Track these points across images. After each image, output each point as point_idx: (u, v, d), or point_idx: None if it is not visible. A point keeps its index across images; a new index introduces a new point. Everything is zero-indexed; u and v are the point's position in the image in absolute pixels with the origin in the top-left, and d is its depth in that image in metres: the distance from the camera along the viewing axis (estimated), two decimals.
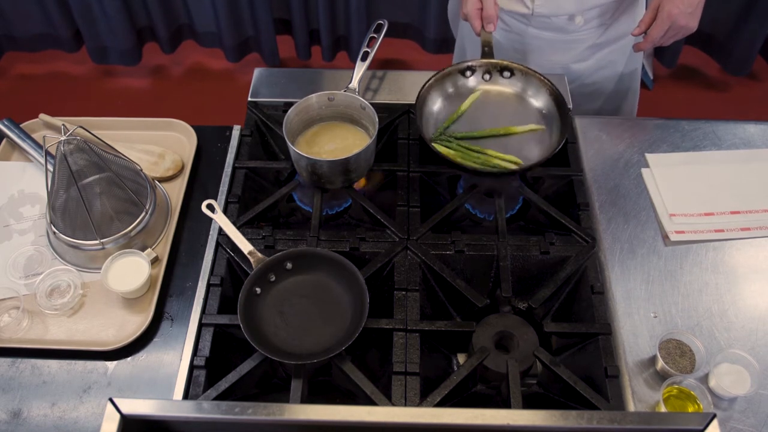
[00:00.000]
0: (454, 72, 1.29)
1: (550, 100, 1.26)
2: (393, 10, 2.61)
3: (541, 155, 1.20)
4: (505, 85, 1.31)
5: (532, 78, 1.27)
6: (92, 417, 0.98)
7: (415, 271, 1.09)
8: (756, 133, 1.34)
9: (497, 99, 1.30)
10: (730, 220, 1.19)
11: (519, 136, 1.23)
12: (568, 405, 0.99)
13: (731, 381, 0.97)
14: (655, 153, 1.29)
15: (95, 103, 2.73)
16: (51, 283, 1.10)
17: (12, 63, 2.85)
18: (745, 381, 0.97)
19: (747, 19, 2.47)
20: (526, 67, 1.28)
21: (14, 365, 1.03)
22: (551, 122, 1.24)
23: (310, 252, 1.07)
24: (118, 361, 1.03)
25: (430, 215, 1.16)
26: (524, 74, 1.28)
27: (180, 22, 2.69)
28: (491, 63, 1.30)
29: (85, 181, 1.09)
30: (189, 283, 1.12)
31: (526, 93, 1.29)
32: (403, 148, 1.27)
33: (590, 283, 1.08)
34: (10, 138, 1.29)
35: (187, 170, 1.26)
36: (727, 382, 0.97)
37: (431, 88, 1.27)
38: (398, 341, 1.01)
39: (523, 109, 1.28)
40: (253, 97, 1.37)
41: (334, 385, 1.07)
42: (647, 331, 1.05)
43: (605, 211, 1.21)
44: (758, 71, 2.78)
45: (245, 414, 0.75)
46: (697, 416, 0.76)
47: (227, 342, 1.06)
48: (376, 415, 0.76)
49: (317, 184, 1.18)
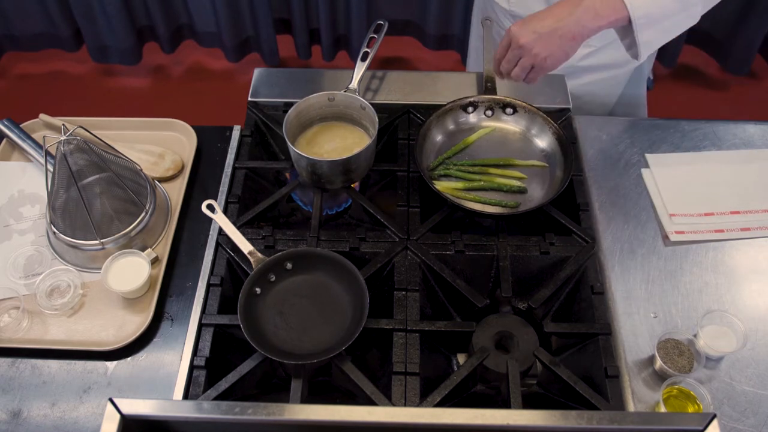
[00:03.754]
0: (455, 108, 1.28)
1: (553, 140, 1.23)
2: (393, 7, 2.60)
3: (543, 193, 1.18)
4: (508, 122, 1.29)
5: (536, 117, 1.25)
6: (92, 417, 0.98)
7: (415, 271, 1.09)
8: (756, 133, 1.34)
9: (499, 136, 1.28)
10: (730, 220, 1.19)
11: (520, 171, 1.22)
12: (568, 405, 0.99)
13: (719, 341, 1.01)
14: (655, 153, 1.29)
15: (95, 102, 2.73)
16: (51, 283, 1.10)
17: (12, 62, 2.85)
18: (732, 340, 1.02)
19: (747, 19, 2.47)
20: (529, 105, 1.26)
21: (14, 365, 1.03)
22: (554, 162, 1.22)
23: (310, 252, 1.07)
24: (118, 361, 1.03)
25: (430, 215, 1.16)
26: (527, 112, 1.26)
27: (180, 21, 2.69)
28: (494, 99, 1.28)
29: (85, 181, 1.09)
30: (189, 283, 1.12)
31: (530, 131, 1.27)
32: (403, 148, 1.27)
33: (590, 283, 1.08)
34: (10, 138, 1.29)
35: (187, 170, 1.26)
36: (715, 341, 1.01)
37: (432, 124, 1.25)
38: (398, 341, 1.01)
39: (526, 146, 1.25)
40: (253, 97, 1.36)
41: (334, 385, 1.07)
42: (647, 331, 1.05)
43: (605, 211, 1.21)
44: (758, 71, 2.78)
45: (245, 414, 0.75)
46: (697, 416, 0.76)
47: (227, 342, 1.06)
48: (376, 415, 0.76)
49: (317, 184, 1.18)
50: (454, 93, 1.31)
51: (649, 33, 1.02)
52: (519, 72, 1.02)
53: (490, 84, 1.30)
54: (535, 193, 1.19)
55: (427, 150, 1.25)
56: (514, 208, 1.15)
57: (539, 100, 1.30)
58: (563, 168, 1.19)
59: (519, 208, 1.15)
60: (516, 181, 1.20)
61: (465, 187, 1.19)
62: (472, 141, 1.26)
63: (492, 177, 1.20)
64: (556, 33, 0.98)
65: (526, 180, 1.21)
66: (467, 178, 1.20)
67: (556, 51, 0.99)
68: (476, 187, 1.19)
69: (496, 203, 1.16)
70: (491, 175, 1.21)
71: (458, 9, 2.53)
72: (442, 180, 1.21)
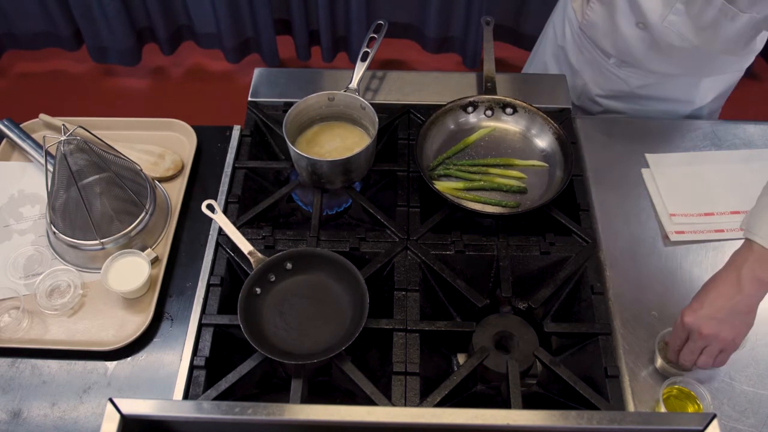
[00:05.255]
0: (455, 108, 1.28)
1: (553, 140, 1.23)
2: (393, 10, 2.60)
3: (543, 193, 1.18)
4: (508, 123, 1.29)
5: (536, 117, 1.25)
6: (92, 417, 0.98)
7: (415, 271, 1.09)
8: (756, 133, 1.34)
9: (499, 136, 1.28)
10: (730, 220, 1.19)
11: (520, 171, 1.22)
12: (568, 405, 0.99)
13: None
14: (655, 153, 1.29)
15: (95, 102, 2.74)
16: (51, 283, 1.10)
17: (12, 62, 2.85)
18: None
19: None
20: (529, 105, 1.26)
21: (14, 365, 1.03)
22: (554, 162, 1.22)
23: (310, 252, 1.07)
24: (118, 361, 1.03)
25: (430, 215, 1.16)
26: (527, 112, 1.26)
27: (179, 23, 2.69)
28: (494, 99, 1.28)
29: (85, 181, 1.09)
30: (189, 283, 1.12)
31: (530, 131, 1.26)
32: (403, 148, 1.27)
33: (590, 283, 1.08)
34: (10, 138, 1.29)
35: (187, 170, 1.26)
36: None
37: (432, 124, 1.25)
38: (398, 341, 1.01)
39: (526, 146, 1.25)
40: (253, 97, 1.37)
41: (334, 385, 1.07)
42: (647, 331, 1.05)
43: (605, 211, 1.21)
44: (758, 71, 2.78)
45: (245, 414, 0.75)
46: (697, 416, 0.76)
47: (227, 342, 1.06)
48: (376, 415, 0.76)
49: (317, 184, 1.18)
50: (454, 93, 1.31)
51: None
52: (707, 359, 0.97)
53: (490, 84, 1.30)
54: (535, 193, 1.19)
55: (427, 150, 1.24)
56: (514, 208, 1.15)
57: (539, 100, 1.30)
58: (563, 168, 1.19)
59: (519, 208, 1.15)
60: (516, 181, 1.20)
61: (465, 187, 1.19)
62: (472, 141, 1.26)
63: (492, 177, 1.20)
64: (734, 313, 0.94)
65: (526, 180, 1.21)
66: (467, 178, 1.20)
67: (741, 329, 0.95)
68: (476, 187, 1.19)
69: (496, 203, 1.16)
70: (491, 175, 1.21)
71: (459, 10, 2.53)
72: (442, 180, 1.21)
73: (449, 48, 2.72)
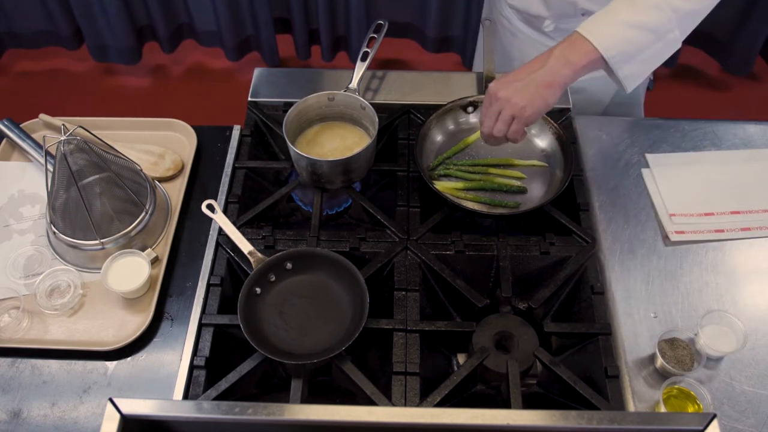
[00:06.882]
0: (455, 108, 1.28)
1: (553, 140, 1.23)
2: (393, 9, 2.60)
3: (543, 193, 1.18)
4: None
5: None
6: (92, 417, 0.98)
7: (415, 271, 1.09)
8: (756, 133, 1.34)
9: None
10: (730, 220, 1.19)
11: (520, 171, 1.22)
12: (568, 405, 0.99)
13: (719, 340, 1.01)
14: (655, 153, 1.29)
15: (95, 101, 2.74)
16: (51, 283, 1.10)
17: (13, 60, 2.85)
18: (732, 340, 1.01)
19: (747, 19, 2.47)
20: None
21: (14, 365, 1.03)
22: (554, 162, 1.22)
23: (310, 252, 1.07)
24: (118, 361, 1.03)
25: (430, 215, 1.16)
26: None
27: (180, 21, 2.69)
28: None
29: (85, 181, 1.09)
30: (189, 283, 1.12)
31: (530, 131, 1.26)
32: (403, 148, 1.27)
33: (590, 283, 1.08)
34: (10, 138, 1.29)
35: (187, 170, 1.26)
36: (715, 341, 1.00)
37: (432, 124, 1.25)
38: (398, 341, 1.01)
39: (526, 146, 1.25)
40: (253, 97, 1.36)
41: (334, 385, 1.07)
42: (647, 331, 1.05)
43: (605, 211, 1.21)
44: (758, 71, 2.78)
45: (245, 414, 0.75)
46: (697, 416, 0.76)
47: (227, 342, 1.06)
48: (376, 415, 0.76)
49: (317, 184, 1.18)
50: (454, 93, 1.31)
51: (628, 68, 1.04)
52: (501, 126, 1.03)
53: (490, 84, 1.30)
54: (535, 193, 1.19)
55: (427, 150, 1.24)
56: (514, 208, 1.15)
57: None
58: (563, 168, 1.19)
59: (519, 208, 1.15)
60: (516, 181, 1.20)
61: (465, 187, 1.19)
62: (472, 141, 1.26)
63: (492, 177, 1.20)
64: (532, 82, 1.00)
65: (526, 180, 1.20)
66: (467, 178, 1.20)
67: (534, 99, 1.00)
68: (476, 187, 1.19)
69: (496, 203, 1.16)
70: (491, 175, 1.21)
71: (458, 10, 2.53)
72: (442, 180, 1.21)
73: (449, 48, 2.72)
